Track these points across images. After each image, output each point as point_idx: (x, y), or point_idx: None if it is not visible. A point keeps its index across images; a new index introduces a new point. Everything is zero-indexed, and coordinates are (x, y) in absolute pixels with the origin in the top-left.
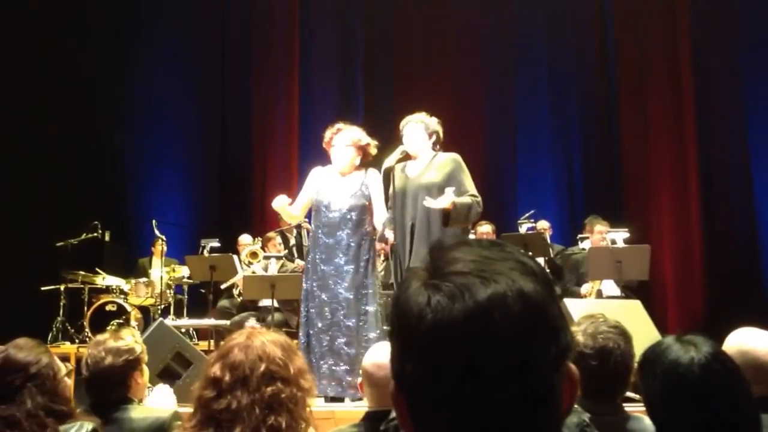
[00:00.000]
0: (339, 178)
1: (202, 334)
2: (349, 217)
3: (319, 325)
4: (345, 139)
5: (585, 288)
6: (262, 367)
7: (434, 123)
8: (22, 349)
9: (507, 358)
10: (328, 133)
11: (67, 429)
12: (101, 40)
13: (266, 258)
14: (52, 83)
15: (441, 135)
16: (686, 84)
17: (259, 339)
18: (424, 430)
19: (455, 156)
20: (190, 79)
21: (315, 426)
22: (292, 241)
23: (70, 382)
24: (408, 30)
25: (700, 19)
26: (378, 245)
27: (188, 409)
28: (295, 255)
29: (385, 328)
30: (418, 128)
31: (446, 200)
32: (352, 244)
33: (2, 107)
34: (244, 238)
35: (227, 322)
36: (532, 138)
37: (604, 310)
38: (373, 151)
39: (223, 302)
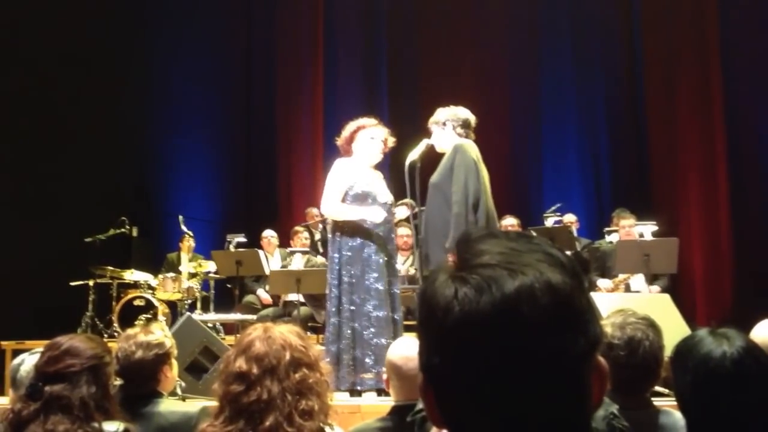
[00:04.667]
0: (371, 170)
1: (228, 328)
2: (392, 210)
3: (390, 314)
4: (381, 134)
5: (604, 283)
6: (288, 356)
7: (446, 112)
8: (88, 341)
9: (535, 351)
10: (365, 120)
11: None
12: (126, 36)
13: (291, 252)
14: (76, 81)
15: (463, 120)
16: (715, 74)
17: (277, 330)
18: (452, 422)
19: (457, 145)
20: (215, 74)
21: (335, 411)
22: (317, 236)
23: (116, 384)
24: (432, 21)
25: (728, 7)
26: (399, 240)
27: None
28: (320, 250)
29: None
30: (433, 127)
31: None
32: (393, 237)
33: (29, 105)
34: (268, 233)
35: (253, 317)
36: (558, 130)
37: (632, 303)
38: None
39: (249, 297)
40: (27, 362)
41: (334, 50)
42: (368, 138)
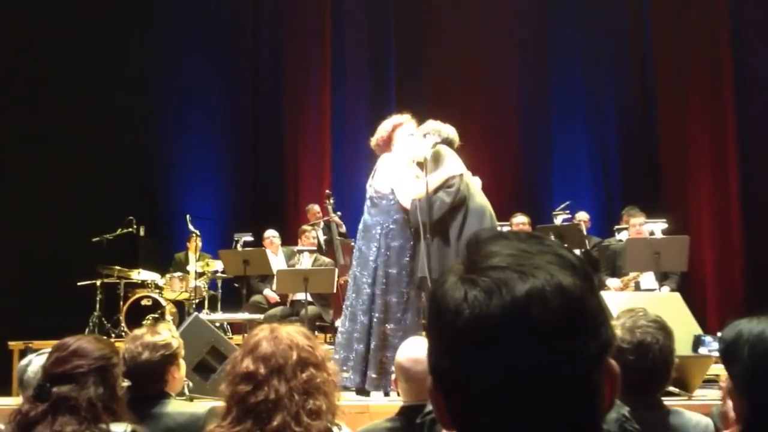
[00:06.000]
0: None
1: (236, 328)
2: None
3: (416, 319)
4: (415, 130)
5: (614, 282)
6: (294, 355)
7: (432, 125)
8: (95, 342)
9: (545, 354)
10: (401, 117)
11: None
12: (132, 34)
13: (300, 251)
14: (84, 80)
15: (443, 138)
16: (725, 69)
17: (284, 330)
18: (462, 424)
19: (435, 150)
20: (222, 73)
21: (343, 411)
22: (322, 237)
23: (124, 385)
24: (439, 17)
25: (739, 2)
26: None
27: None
28: (324, 248)
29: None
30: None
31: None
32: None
33: (37, 104)
34: (270, 233)
35: (261, 316)
36: (567, 127)
37: (642, 302)
38: None
39: (256, 297)
40: (34, 363)
41: (341, 48)
42: (407, 135)
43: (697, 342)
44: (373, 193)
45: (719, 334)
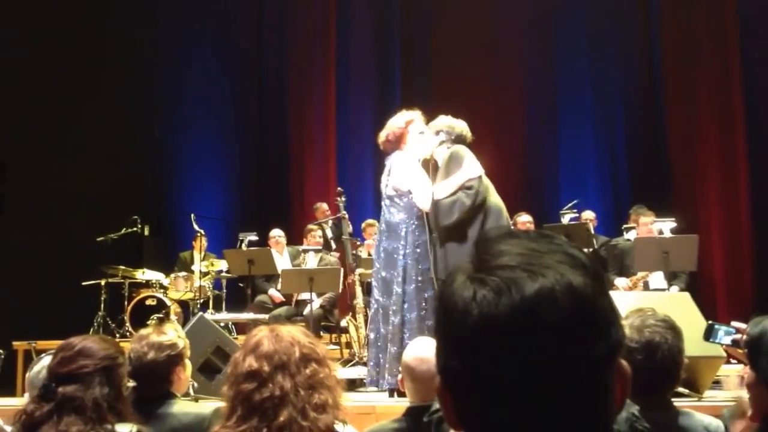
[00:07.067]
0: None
1: (240, 328)
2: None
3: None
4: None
5: (622, 282)
6: (297, 351)
7: (444, 121)
8: (101, 342)
9: (555, 355)
10: (412, 114)
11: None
12: (138, 33)
13: (305, 251)
14: (89, 77)
15: (456, 135)
16: (734, 68)
17: (284, 329)
18: (470, 425)
19: (453, 151)
20: (227, 72)
21: (346, 410)
22: (329, 234)
23: (129, 386)
24: (446, 15)
25: (747, 1)
26: None
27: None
28: (333, 246)
29: None
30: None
31: None
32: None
33: (41, 104)
34: (275, 233)
35: (266, 316)
36: (575, 125)
37: (651, 302)
38: None
39: (261, 296)
40: (41, 363)
41: (346, 46)
42: (418, 132)
43: (710, 330)
44: (391, 191)
45: (733, 323)
